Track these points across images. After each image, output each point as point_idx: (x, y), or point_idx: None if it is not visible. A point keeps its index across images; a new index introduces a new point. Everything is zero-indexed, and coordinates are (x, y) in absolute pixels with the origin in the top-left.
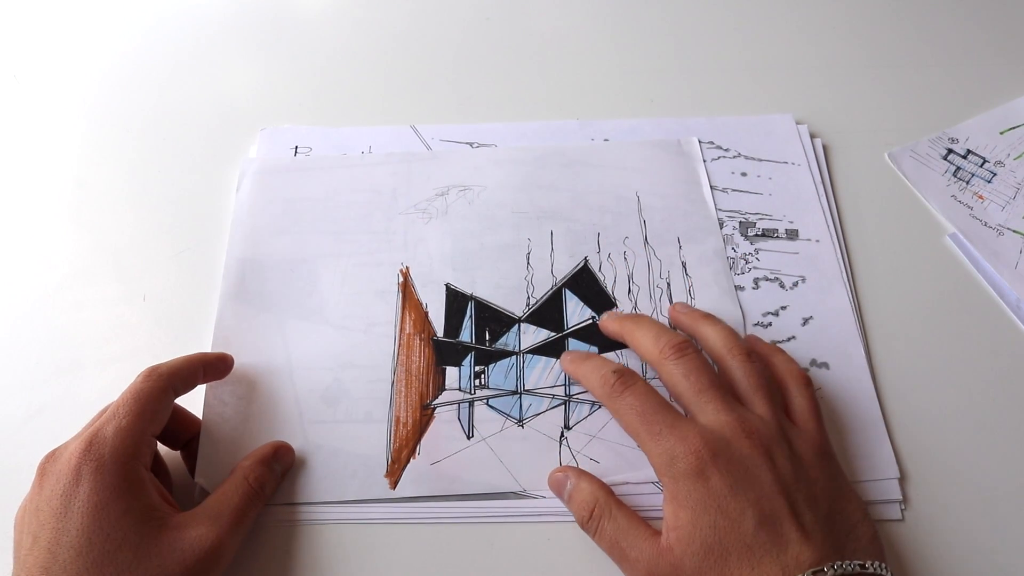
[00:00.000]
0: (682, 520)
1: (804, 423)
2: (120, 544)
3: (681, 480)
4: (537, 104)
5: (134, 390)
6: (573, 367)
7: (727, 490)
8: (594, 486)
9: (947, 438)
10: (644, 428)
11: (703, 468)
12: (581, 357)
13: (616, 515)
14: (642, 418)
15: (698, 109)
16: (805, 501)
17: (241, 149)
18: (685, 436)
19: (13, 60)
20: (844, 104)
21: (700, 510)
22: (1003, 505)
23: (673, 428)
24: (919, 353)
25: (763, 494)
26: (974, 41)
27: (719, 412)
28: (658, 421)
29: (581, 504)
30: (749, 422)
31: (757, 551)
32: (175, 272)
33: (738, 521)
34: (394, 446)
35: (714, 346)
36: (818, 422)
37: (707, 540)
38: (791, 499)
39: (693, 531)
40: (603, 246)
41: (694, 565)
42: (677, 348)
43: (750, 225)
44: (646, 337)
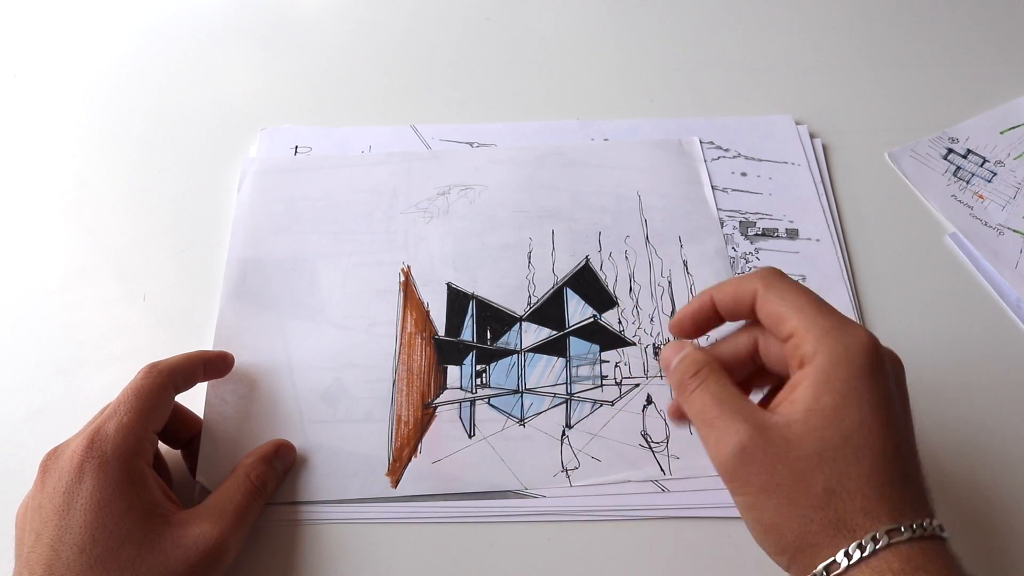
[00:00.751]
0: (824, 403)
1: None
2: (123, 541)
3: (848, 362)
4: (537, 104)
5: (135, 387)
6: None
7: (891, 394)
8: (707, 351)
9: (947, 438)
10: (813, 310)
11: (876, 360)
12: None
13: (723, 380)
14: (812, 301)
15: (698, 109)
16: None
17: (241, 149)
18: (859, 329)
19: (13, 60)
20: (844, 104)
21: (855, 401)
22: (1003, 505)
23: (844, 318)
24: (919, 352)
25: (908, 419)
26: (974, 41)
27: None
28: (828, 308)
29: (689, 362)
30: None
31: (895, 468)
32: (175, 272)
33: (889, 428)
34: (395, 445)
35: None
36: None
37: (846, 432)
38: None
39: (834, 418)
40: (604, 245)
41: (815, 448)
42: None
43: (750, 225)
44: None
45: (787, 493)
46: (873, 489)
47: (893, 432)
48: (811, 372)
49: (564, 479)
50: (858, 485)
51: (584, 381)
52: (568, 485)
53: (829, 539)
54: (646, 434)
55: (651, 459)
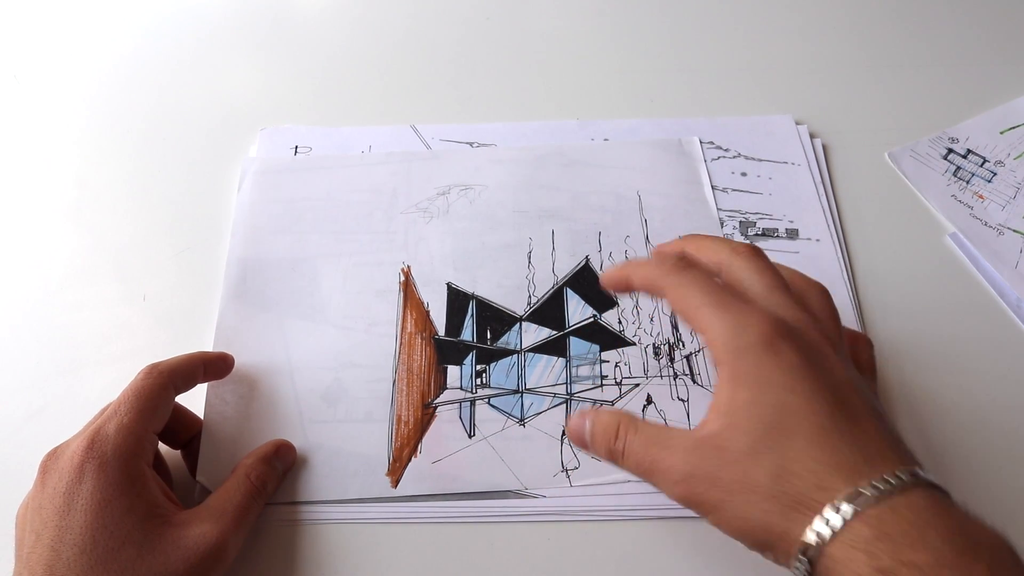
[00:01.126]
0: (739, 401)
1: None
2: (124, 541)
3: (745, 353)
4: (537, 104)
5: (135, 387)
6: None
7: (799, 368)
8: (614, 412)
9: (947, 437)
10: (708, 299)
11: (774, 339)
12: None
13: (641, 427)
14: (706, 291)
15: (698, 109)
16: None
17: (241, 149)
18: (755, 310)
19: (13, 60)
20: (844, 104)
21: (764, 386)
22: (1003, 505)
23: (742, 303)
24: (919, 352)
25: (838, 382)
26: (974, 41)
27: (791, 307)
28: (725, 296)
29: (605, 433)
30: (820, 323)
31: (834, 434)
32: (175, 272)
33: (810, 400)
34: (395, 445)
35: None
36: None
37: (768, 419)
38: (864, 399)
39: (751, 409)
40: (604, 245)
41: (744, 445)
42: (751, 249)
43: (750, 225)
44: (716, 240)
45: (739, 495)
46: (816, 462)
47: (818, 402)
48: (722, 372)
49: (564, 479)
50: (800, 463)
51: (584, 381)
52: (568, 485)
53: (794, 523)
54: None
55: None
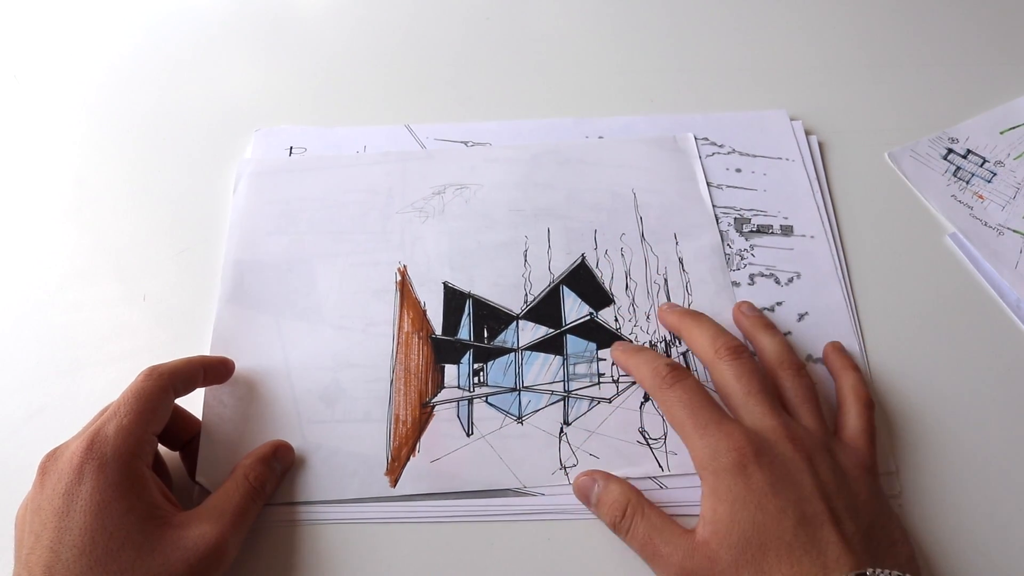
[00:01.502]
0: (720, 514)
1: (854, 441)
2: (123, 543)
3: (722, 474)
4: (532, 102)
5: (135, 389)
6: (624, 357)
7: (768, 487)
8: (624, 487)
9: (946, 438)
10: (691, 421)
11: (745, 464)
12: (633, 349)
13: (648, 513)
14: (690, 411)
15: (696, 108)
16: (846, 510)
17: (241, 149)
18: (730, 433)
19: (13, 60)
20: (844, 104)
21: (739, 505)
22: (1003, 505)
23: (719, 425)
24: (918, 352)
25: (804, 496)
26: (974, 41)
27: (765, 416)
28: (705, 416)
29: (612, 505)
30: (794, 428)
31: (796, 550)
32: (175, 272)
33: (778, 518)
34: (394, 444)
35: (769, 356)
36: (869, 443)
37: (745, 534)
38: (831, 505)
39: (731, 525)
40: (600, 243)
41: (730, 558)
42: (733, 350)
43: (745, 221)
44: (704, 335)
45: None
46: (783, 572)
47: (785, 519)
48: (704, 487)
49: (563, 476)
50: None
51: (581, 378)
52: (567, 483)
53: None
54: (644, 431)
55: (649, 456)
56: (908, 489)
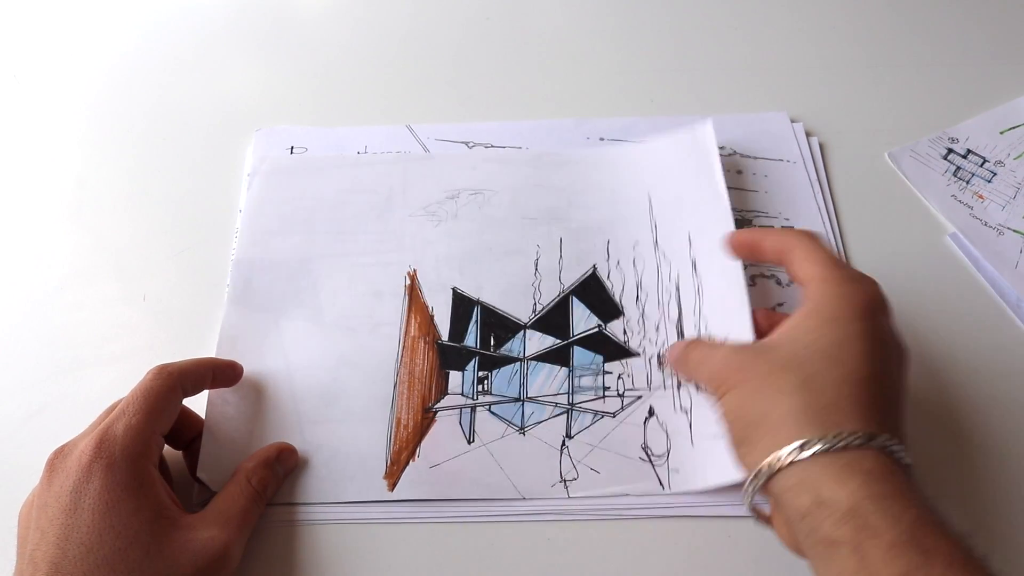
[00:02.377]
0: (808, 323)
1: None
2: (131, 542)
3: (836, 299)
4: (532, 103)
5: (144, 388)
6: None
7: (882, 344)
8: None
9: (946, 438)
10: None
11: (871, 310)
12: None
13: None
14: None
15: (697, 109)
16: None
17: (241, 149)
18: (870, 285)
19: (13, 60)
20: (844, 104)
21: (837, 325)
22: (1003, 505)
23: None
24: (918, 352)
25: (903, 365)
26: (974, 41)
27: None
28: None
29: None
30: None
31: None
32: (176, 272)
33: (868, 358)
34: (394, 448)
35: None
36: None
37: (825, 346)
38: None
39: (815, 333)
40: (612, 253)
41: (790, 351)
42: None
43: (746, 223)
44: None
45: (761, 380)
46: (840, 394)
47: (871, 361)
48: (805, 303)
49: (562, 489)
50: (831, 386)
51: (586, 391)
52: (566, 496)
53: (791, 428)
54: (647, 447)
55: (651, 473)
56: None
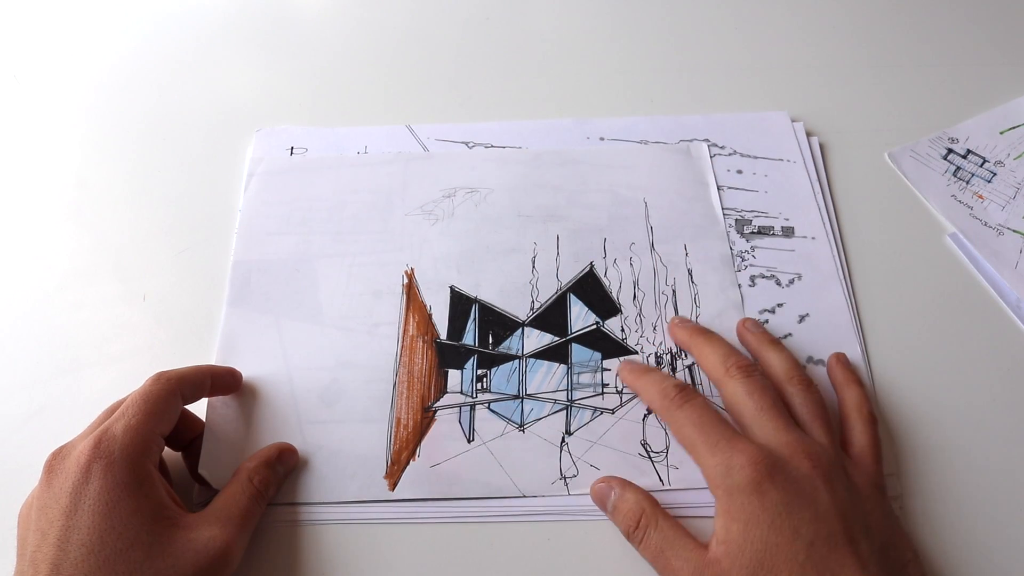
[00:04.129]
0: (733, 533)
1: (862, 457)
2: (132, 543)
3: (736, 492)
4: (532, 103)
5: (143, 392)
6: (632, 378)
7: (783, 507)
8: (639, 495)
9: (947, 438)
10: (702, 439)
11: (760, 481)
12: (641, 370)
13: (662, 525)
14: (700, 429)
15: (697, 109)
16: (861, 529)
17: (241, 149)
18: (743, 449)
19: (13, 60)
20: (844, 104)
21: (753, 524)
22: (1003, 506)
23: (732, 441)
24: (918, 352)
25: (819, 515)
26: (974, 41)
27: (779, 431)
28: (716, 433)
29: (627, 514)
30: (809, 444)
31: (809, 572)
32: (175, 272)
33: (792, 539)
34: (394, 447)
35: (777, 371)
36: (877, 461)
37: (758, 555)
38: (847, 525)
39: (744, 544)
40: (609, 251)
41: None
42: (744, 368)
43: (746, 223)
44: (715, 354)
45: None
46: None
47: (799, 539)
48: (717, 505)
49: (562, 487)
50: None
51: (585, 388)
52: (566, 493)
53: None
54: (646, 443)
55: (650, 469)
56: (908, 490)
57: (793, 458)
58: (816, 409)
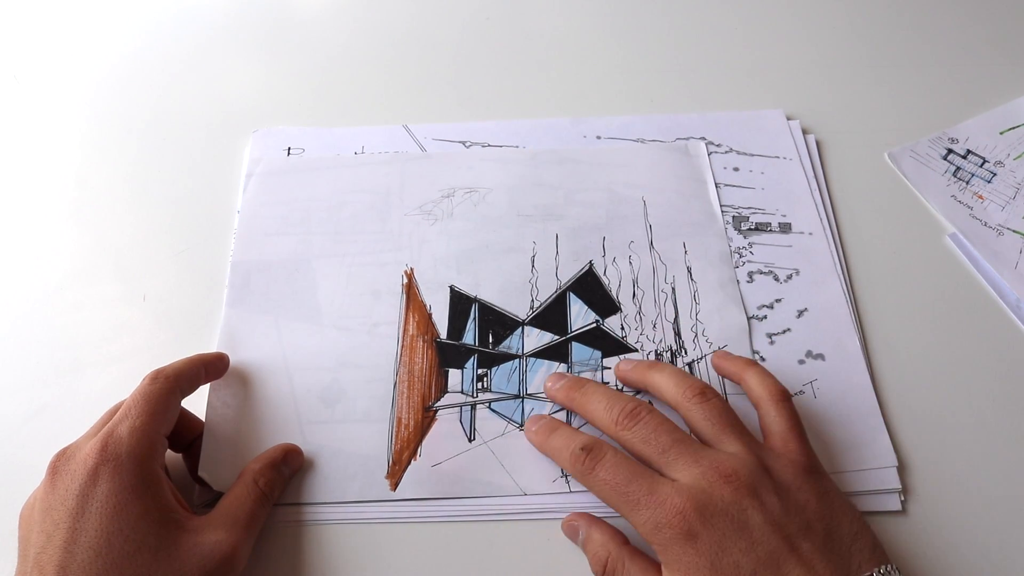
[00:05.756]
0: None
1: (784, 444)
2: (139, 546)
3: (670, 545)
4: (529, 102)
5: (143, 392)
6: (540, 440)
7: (716, 547)
8: (606, 536)
9: (947, 439)
10: (622, 501)
11: (689, 528)
12: (547, 429)
13: (629, 567)
14: (617, 491)
15: (695, 109)
16: (800, 532)
17: (241, 149)
18: (663, 500)
19: (13, 60)
20: (844, 104)
21: (694, 571)
22: (1004, 505)
23: (651, 494)
24: (919, 352)
25: (755, 539)
26: (974, 41)
27: (690, 465)
28: (634, 491)
29: (594, 556)
30: (725, 465)
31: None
32: (175, 272)
33: (735, 574)
34: (395, 447)
35: (667, 394)
36: (800, 440)
37: None
38: (785, 534)
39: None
40: (608, 250)
41: None
42: (629, 415)
43: (743, 219)
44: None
45: None
46: None
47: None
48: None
49: (563, 484)
50: None
51: None
52: (567, 491)
53: None
54: None
55: None
56: (910, 488)
57: (713, 488)
58: (719, 418)
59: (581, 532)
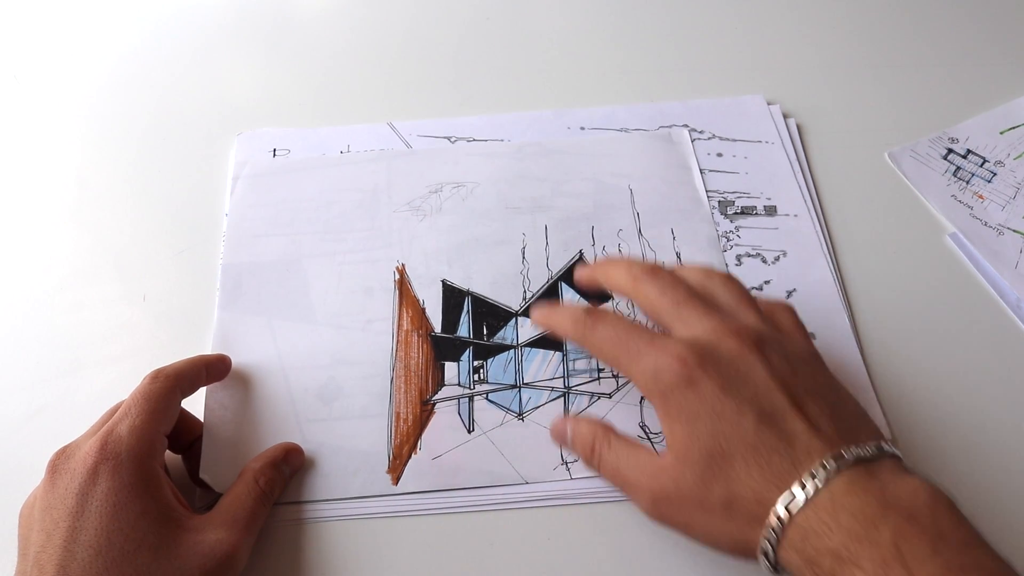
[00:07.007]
0: (678, 435)
1: (792, 333)
2: (139, 545)
3: (670, 393)
4: (511, 95)
5: (143, 391)
6: (543, 317)
7: (719, 392)
8: (591, 424)
9: (947, 438)
10: (622, 351)
11: (690, 374)
12: (550, 307)
13: (614, 443)
14: (618, 342)
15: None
16: (806, 393)
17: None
18: (666, 347)
19: (13, 60)
20: (844, 104)
21: (694, 419)
22: (1003, 505)
23: (652, 343)
24: (918, 352)
25: (760, 390)
26: (974, 41)
27: (702, 318)
28: (636, 341)
29: (582, 443)
30: (734, 323)
31: (763, 449)
32: (175, 272)
33: (737, 422)
34: (395, 442)
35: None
36: (806, 336)
37: (707, 448)
38: (791, 392)
39: (691, 442)
40: (597, 239)
41: (696, 476)
42: (649, 270)
43: (729, 204)
44: (618, 270)
45: (702, 517)
46: (754, 480)
47: (744, 420)
48: (657, 412)
49: (564, 472)
50: (743, 484)
51: (581, 374)
52: (568, 478)
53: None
54: (644, 425)
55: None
56: None
57: (720, 342)
58: (740, 293)
59: (569, 428)
